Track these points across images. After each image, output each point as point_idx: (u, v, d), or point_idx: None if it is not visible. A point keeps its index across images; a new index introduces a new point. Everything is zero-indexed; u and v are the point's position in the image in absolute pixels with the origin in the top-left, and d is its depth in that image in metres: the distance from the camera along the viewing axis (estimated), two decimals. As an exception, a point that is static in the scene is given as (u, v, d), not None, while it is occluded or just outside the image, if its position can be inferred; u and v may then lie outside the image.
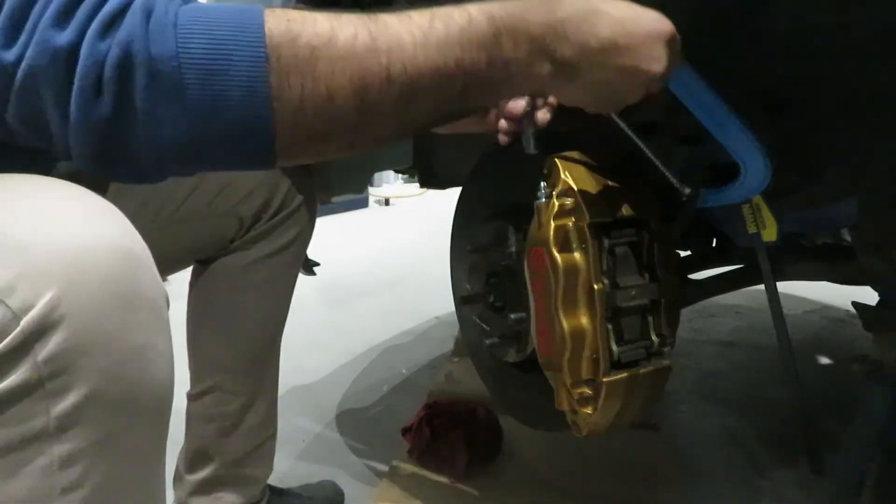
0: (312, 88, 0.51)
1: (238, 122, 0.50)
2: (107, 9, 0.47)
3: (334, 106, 0.52)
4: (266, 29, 0.49)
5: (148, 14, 0.48)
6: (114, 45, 0.47)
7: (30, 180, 0.50)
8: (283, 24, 0.50)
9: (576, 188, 0.81)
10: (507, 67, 0.56)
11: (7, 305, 0.43)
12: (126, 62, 0.47)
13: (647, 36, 0.61)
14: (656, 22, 0.62)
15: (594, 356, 0.80)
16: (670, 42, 0.62)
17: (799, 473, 1.27)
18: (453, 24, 0.54)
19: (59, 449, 0.45)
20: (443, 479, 1.24)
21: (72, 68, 0.47)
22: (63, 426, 0.45)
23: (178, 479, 1.10)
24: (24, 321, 0.43)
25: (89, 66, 0.47)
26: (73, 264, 0.45)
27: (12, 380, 0.43)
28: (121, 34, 0.47)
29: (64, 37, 0.47)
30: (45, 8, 0.47)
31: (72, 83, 0.47)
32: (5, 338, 0.43)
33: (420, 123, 0.59)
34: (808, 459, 1.12)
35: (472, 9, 0.56)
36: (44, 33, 0.46)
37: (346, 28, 0.51)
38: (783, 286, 1.10)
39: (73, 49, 0.47)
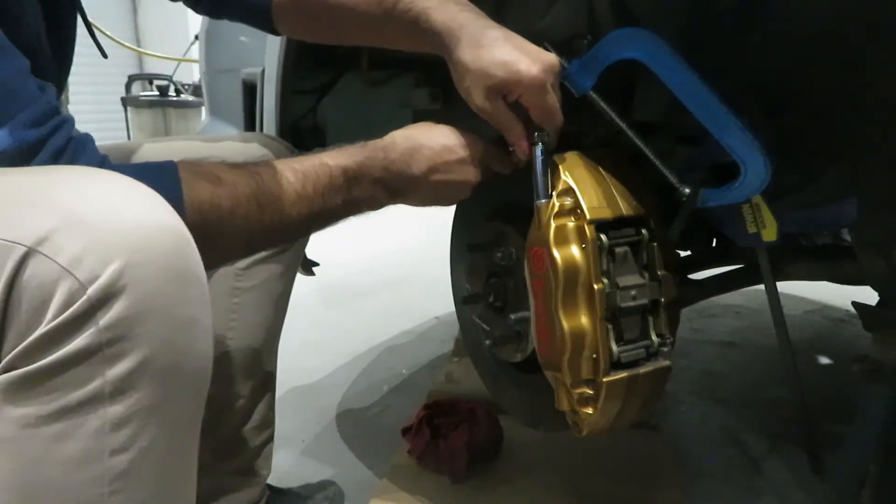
0: (212, 247, 0.64)
1: None
2: None
3: (226, 254, 0.75)
4: (185, 206, 0.64)
5: None
6: None
7: (90, 171, 0.56)
8: (195, 204, 0.65)
9: (576, 188, 0.81)
10: (356, 203, 0.79)
11: (75, 277, 0.47)
12: None
13: (459, 161, 0.81)
14: (466, 148, 0.82)
15: (594, 356, 0.80)
16: (479, 159, 0.83)
17: (799, 473, 1.27)
18: (319, 184, 0.74)
19: (112, 411, 0.49)
20: (443, 479, 1.24)
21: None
22: (117, 390, 0.48)
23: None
24: (91, 290, 0.47)
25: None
26: (137, 240, 0.49)
27: (75, 344, 0.47)
28: None
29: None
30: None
31: None
32: (72, 305, 0.47)
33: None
34: (808, 459, 1.13)
35: (332, 164, 0.76)
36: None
37: (242, 204, 0.68)
38: (783, 286, 1.10)
39: None
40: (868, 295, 1.02)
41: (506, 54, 0.77)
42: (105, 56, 1.03)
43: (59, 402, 0.47)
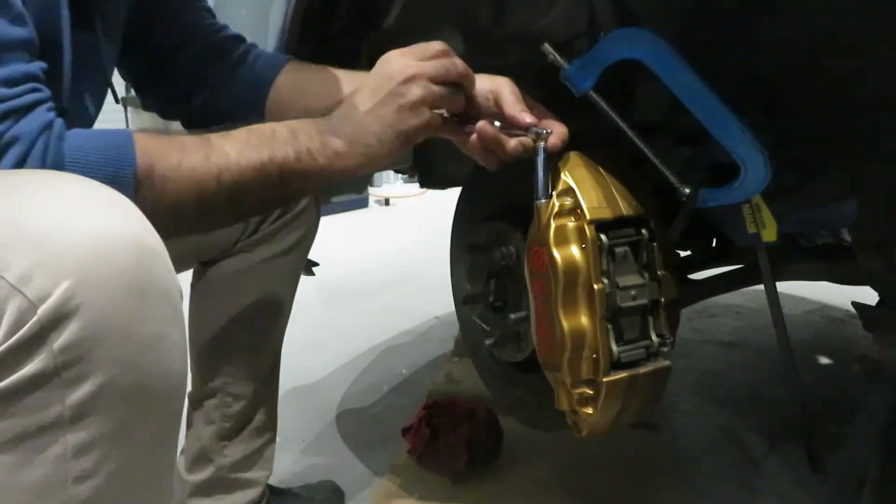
0: (163, 203, 0.66)
1: None
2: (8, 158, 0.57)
3: (179, 212, 0.68)
4: (136, 165, 0.63)
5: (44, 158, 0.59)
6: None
7: (45, 175, 0.54)
8: (146, 160, 0.64)
9: (576, 188, 0.81)
10: (311, 154, 0.73)
11: (24, 295, 0.44)
12: None
13: (410, 99, 0.76)
14: (414, 83, 0.76)
15: (594, 356, 0.80)
16: (430, 97, 0.77)
17: (799, 473, 1.27)
18: (263, 135, 0.72)
19: (73, 438, 0.46)
20: (443, 479, 1.24)
21: None
22: (77, 415, 0.46)
23: (178, 479, 1.10)
24: (41, 310, 0.44)
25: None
26: (89, 255, 0.46)
27: (28, 369, 0.45)
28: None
29: None
30: None
31: None
32: (22, 327, 0.44)
33: (254, 210, 0.84)
34: (808, 459, 1.12)
35: (275, 125, 0.74)
36: None
37: (189, 156, 0.67)
38: (783, 286, 1.10)
39: None
40: (868, 295, 1.02)
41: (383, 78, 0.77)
42: (117, 101, 1.06)
43: (16, 429, 0.45)
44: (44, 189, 0.50)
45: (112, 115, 1.22)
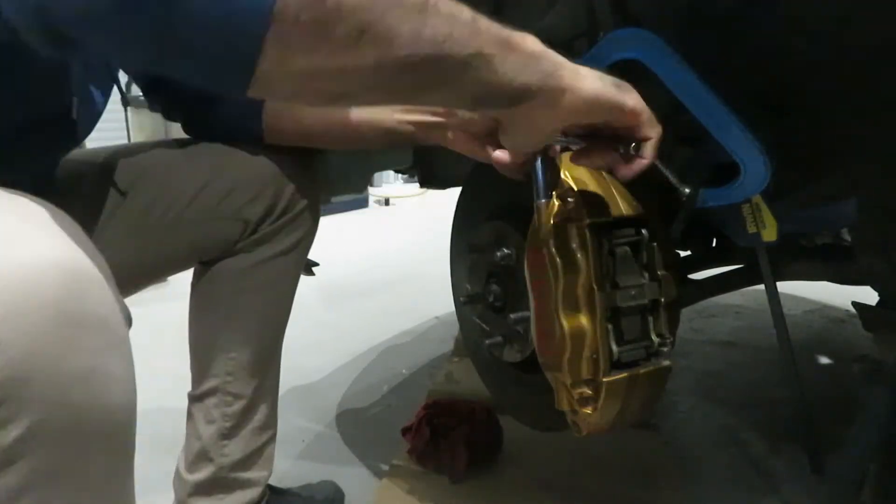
0: (325, 28, 0.46)
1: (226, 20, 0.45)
2: None
3: (333, 50, 0.48)
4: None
5: None
6: None
7: None
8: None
9: (576, 188, 0.81)
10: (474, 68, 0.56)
11: None
12: None
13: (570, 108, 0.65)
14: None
15: (594, 356, 0.80)
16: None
17: (799, 473, 1.27)
18: (482, 24, 0.55)
19: (5, 482, 0.43)
20: (443, 479, 1.24)
21: None
22: (8, 459, 0.42)
23: (178, 479, 1.10)
24: None
25: None
26: (8, 286, 0.41)
27: None
28: None
29: None
30: None
31: None
32: None
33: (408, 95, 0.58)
34: (808, 459, 1.13)
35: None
36: None
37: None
38: (783, 286, 1.10)
39: None
40: (868, 295, 1.03)
41: None
42: (127, 104, 1.05)
43: None
44: None
45: (113, 115, 1.22)
